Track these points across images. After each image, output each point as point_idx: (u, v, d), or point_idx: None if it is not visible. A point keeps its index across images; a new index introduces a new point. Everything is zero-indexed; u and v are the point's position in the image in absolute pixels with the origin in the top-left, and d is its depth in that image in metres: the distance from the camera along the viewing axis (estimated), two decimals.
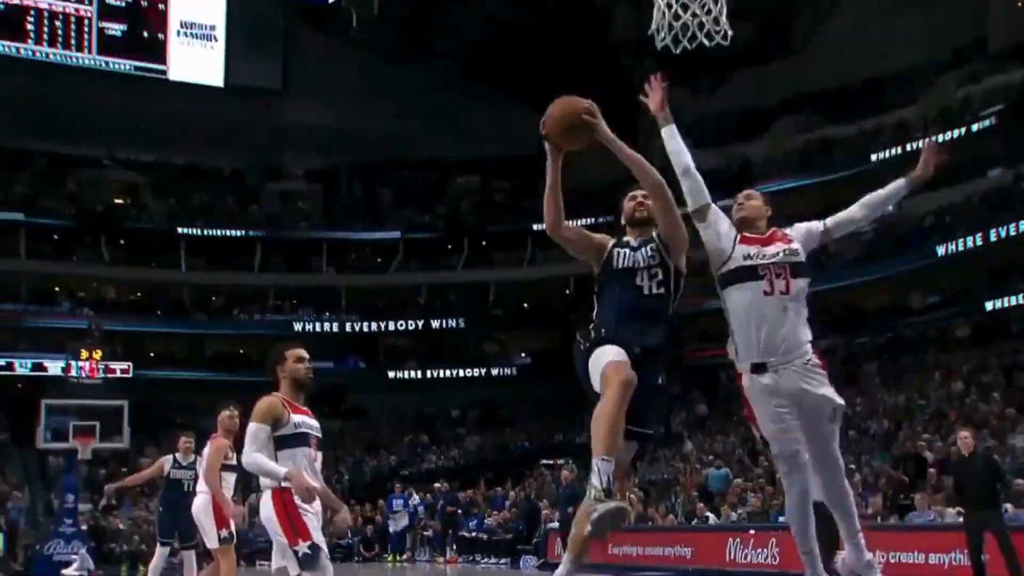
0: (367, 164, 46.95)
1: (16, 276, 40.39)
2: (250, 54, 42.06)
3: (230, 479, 10.53)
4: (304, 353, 6.82)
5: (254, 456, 6.32)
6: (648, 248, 5.62)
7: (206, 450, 10.69)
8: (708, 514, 23.08)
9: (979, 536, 13.45)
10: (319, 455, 6.68)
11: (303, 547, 6.15)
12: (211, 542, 10.61)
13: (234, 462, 10.15)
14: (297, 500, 6.27)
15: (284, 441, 6.42)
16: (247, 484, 11.01)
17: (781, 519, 20.79)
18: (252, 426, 6.43)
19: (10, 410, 35.54)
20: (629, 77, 42.34)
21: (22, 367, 37.32)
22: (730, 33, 17.41)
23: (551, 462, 34.02)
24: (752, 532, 19.65)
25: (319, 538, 6.33)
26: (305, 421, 6.59)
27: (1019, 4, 29.48)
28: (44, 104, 39.29)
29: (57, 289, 40.96)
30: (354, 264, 44.60)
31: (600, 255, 5.68)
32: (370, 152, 45.85)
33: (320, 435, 6.75)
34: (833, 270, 35.72)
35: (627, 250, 5.65)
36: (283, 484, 6.27)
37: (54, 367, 35.53)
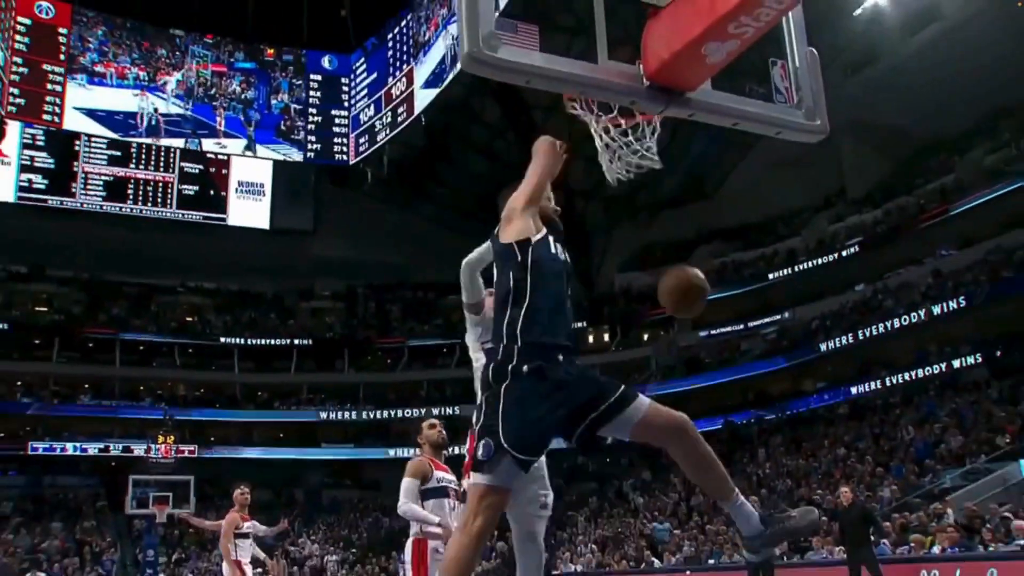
0: (379, 286, 47.22)
1: (112, 379, 40.84)
2: (289, 204, 42.57)
3: (244, 544, 10.35)
4: (435, 422, 6.63)
5: (409, 506, 6.16)
6: (566, 253, 4.03)
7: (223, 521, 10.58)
8: (653, 559, 23.32)
9: (857, 569, 13.75)
10: (458, 504, 6.23)
11: None
12: None
13: (245, 530, 10.24)
14: (432, 548, 6.00)
15: (429, 493, 6.25)
16: None
17: (711, 562, 21.25)
18: (405, 481, 6.27)
19: (106, 483, 35.91)
20: (581, 217, 43.46)
21: (115, 449, 37.45)
22: (659, 164, 18.54)
23: None
24: (688, 573, 19.98)
25: None
26: (445, 477, 6.37)
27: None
28: (135, 247, 39.84)
29: (142, 388, 41.03)
30: (369, 365, 44.58)
31: (534, 227, 3.88)
32: (381, 277, 46.38)
33: (458, 487, 6.32)
34: (745, 363, 36.45)
35: (558, 244, 3.97)
36: (433, 529, 6.05)
37: (139, 449, 35.62)
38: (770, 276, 36.49)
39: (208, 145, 39.05)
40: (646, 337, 41.74)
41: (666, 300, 4.08)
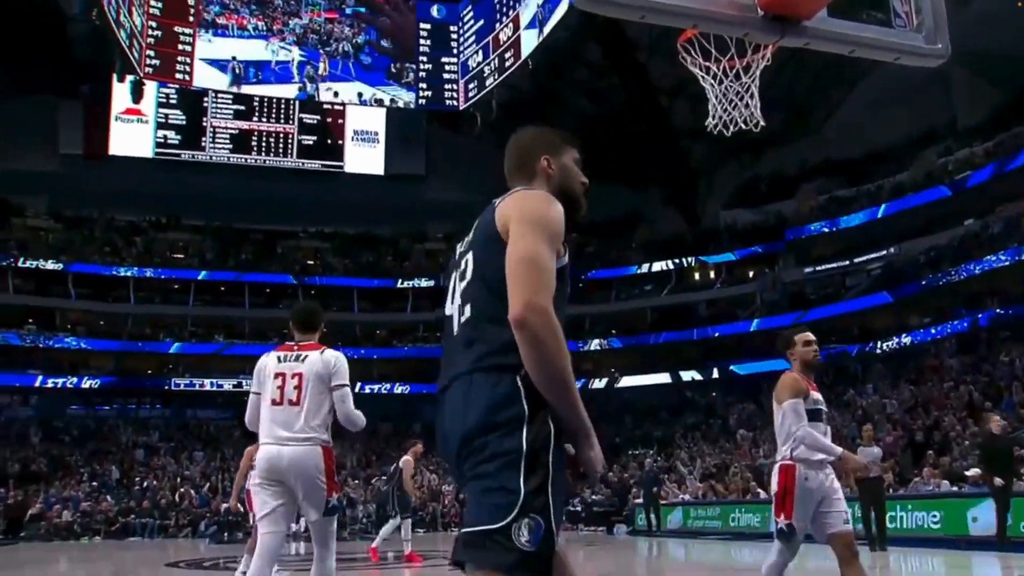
0: None
1: (242, 320, 42.47)
2: (402, 150, 43.18)
3: None
4: (811, 337, 5.56)
5: (809, 431, 5.17)
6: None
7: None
8: (759, 490, 23.17)
9: (1006, 501, 12.80)
10: (828, 429, 5.46)
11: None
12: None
13: None
14: (802, 475, 5.20)
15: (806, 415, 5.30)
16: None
17: None
18: (789, 402, 5.30)
19: (240, 416, 37.10)
20: (686, 156, 42.73)
21: (247, 385, 38.17)
22: (762, 123, 18.06)
23: (636, 452, 34.14)
24: None
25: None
26: (820, 399, 5.45)
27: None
28: (259, 195, 41.00)
29: (269, 328, 42.24)
30: None
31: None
32: None
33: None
34: (850, 298, 35.59)
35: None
36: (837, 461, 5.24)
37: None
38: (878, 212, 35.25)
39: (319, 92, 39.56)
40: (751, 274, 41.07)
41: None
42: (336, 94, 39.31)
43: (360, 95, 39.68)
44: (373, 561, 13.98)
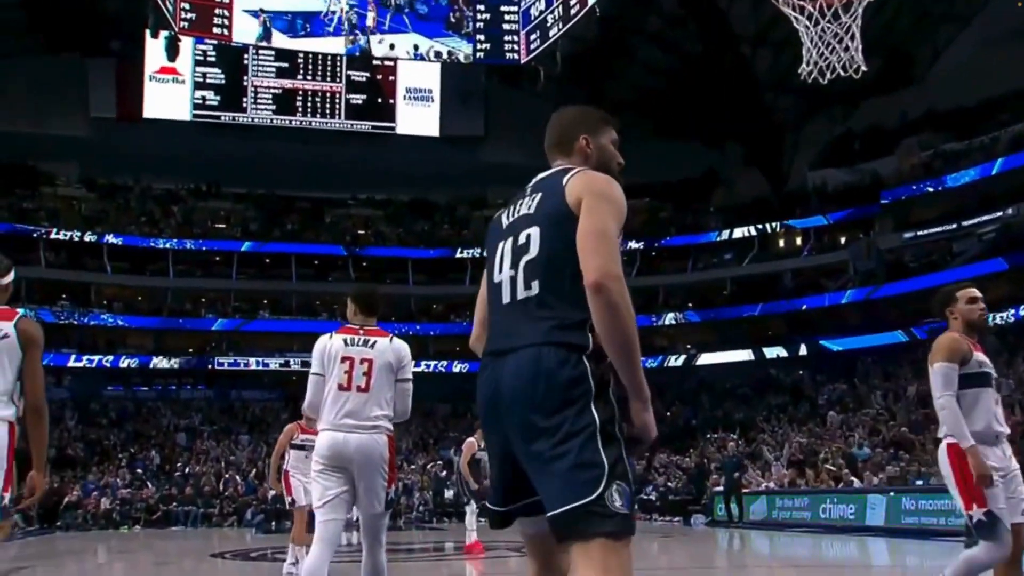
0: None
1: (289, 294, 42.88)
2: (458, 109, 43.07)
3: (299, 455, 9.89)
4: (976, 293, 5.35)
5: (950, 402, 5.00)
6: None
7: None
8: (852, 479, 22.82)
9: None
10: (998, 397, 5.25)
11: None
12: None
13: (301, 442, 9.90)
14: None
15: (968, 380, 5.09)
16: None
17: (918, 482, 20.46)
18: (941, 365, 5.09)
19: (288, 396, 37.63)
20: (770, 110, 41.88)
21: (294, 364, 39.25)
22: (863, 68, 17.39)
23: (715, 435, 33.81)
24: (891, 494, 19.35)
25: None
26: (987, 361, 5.21)
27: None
28: (305, 160, 41.19)
29: (318, 303, 42.68)
30: None
31: None
32: None
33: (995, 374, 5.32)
34: (958, 266, 34.71)
35: None
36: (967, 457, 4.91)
37: None
38: (992, 169, 34.10)
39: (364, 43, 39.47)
40: (843, 240, 40.29)
41: None
42: (392, 47, 38.97)
43: (416, 47, 39.43)
44: (478, 552, 14.01)
